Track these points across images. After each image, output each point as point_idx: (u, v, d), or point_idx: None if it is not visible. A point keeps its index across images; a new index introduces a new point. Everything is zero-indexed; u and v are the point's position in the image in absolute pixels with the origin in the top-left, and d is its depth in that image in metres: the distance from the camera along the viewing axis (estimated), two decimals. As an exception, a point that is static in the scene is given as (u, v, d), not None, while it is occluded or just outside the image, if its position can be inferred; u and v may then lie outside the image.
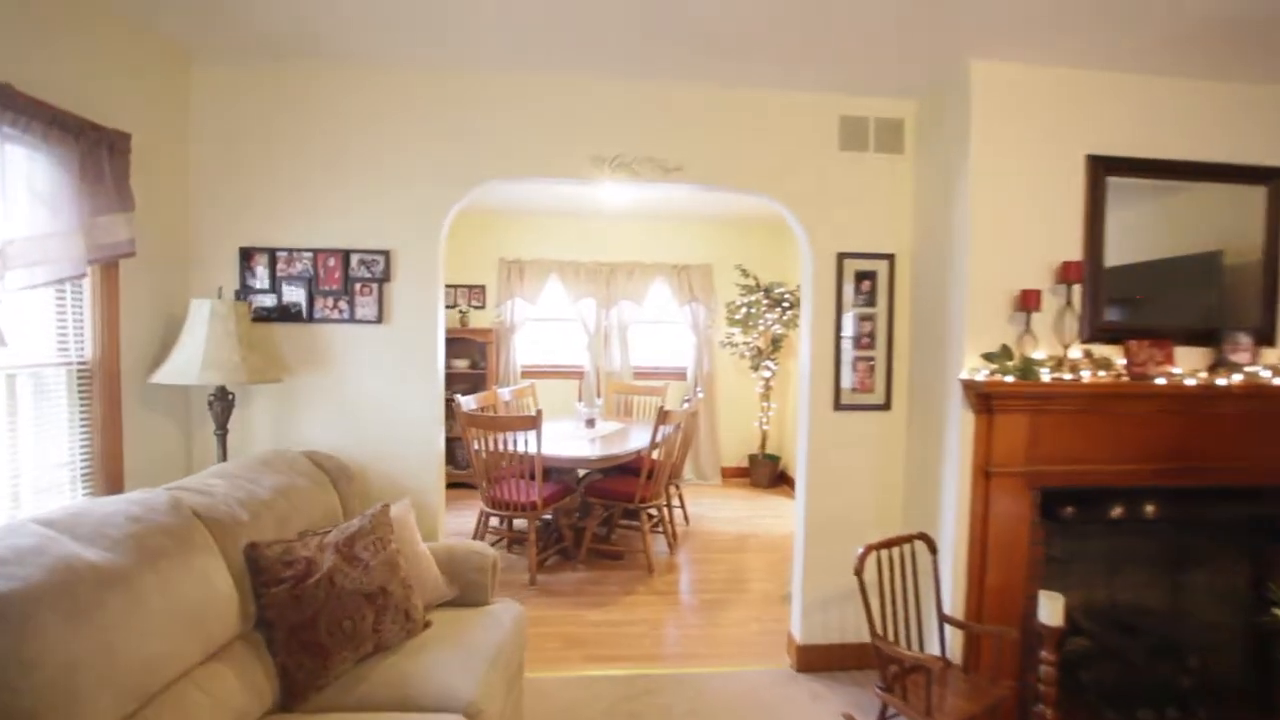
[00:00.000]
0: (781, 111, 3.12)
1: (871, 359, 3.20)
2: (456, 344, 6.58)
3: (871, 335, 3.19)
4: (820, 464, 3.25)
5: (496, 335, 6.58)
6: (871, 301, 3.18)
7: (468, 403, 4.85)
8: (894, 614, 2.61)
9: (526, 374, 6.75)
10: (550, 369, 6.85)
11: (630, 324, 6.79)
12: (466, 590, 2.69)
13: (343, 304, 3.03)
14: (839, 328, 3.18)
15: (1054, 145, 2.75)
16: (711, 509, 5.94)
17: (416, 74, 2.99)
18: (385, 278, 3.03)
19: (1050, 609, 2.48)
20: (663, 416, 4.29)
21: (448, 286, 6.70)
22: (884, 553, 2.67)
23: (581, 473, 4.85)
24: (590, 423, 5.09)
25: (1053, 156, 2.75)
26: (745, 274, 6.47)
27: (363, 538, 2.36)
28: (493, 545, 4.61)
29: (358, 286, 3.02)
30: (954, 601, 2.78)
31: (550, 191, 5.58)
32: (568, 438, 4.79)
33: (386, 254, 3.02)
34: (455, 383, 6.50)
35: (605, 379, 6.71)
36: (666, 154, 3.08)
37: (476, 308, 6.71)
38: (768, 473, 6.68)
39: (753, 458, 6.77)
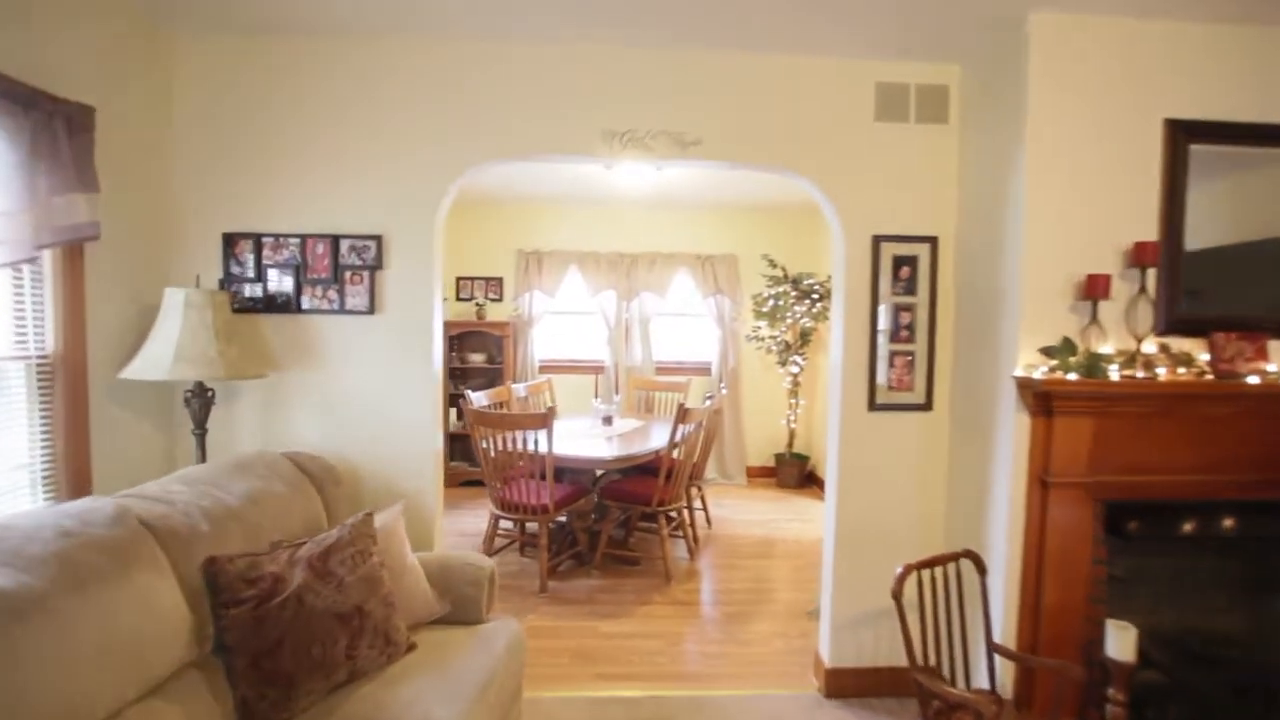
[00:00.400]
0: (810, 78, 2.80)
1: (910, 354, 2.86)
2: (473, 338, 6.38)
3: (910, 327, 2.85)
4: (852, 469, 2.94)
5: (514, 328, 6.35)
6: (911, 289, 2.85)
7: (478, 399, 4.62)
8: (936, 641, 2.29)
9: (545, 369, 6.51)
10: (569, 364, 6.60)
11: (652, 317, 6.50)
12: (459, 606, 2.44)
13: (332, 293, 2.79)
14: (874, 319, 2.86)
15: (1126, 109, 2.39)
16: (735, 511, 5.64)
17: (411, 45, 2.73)
18: (377, 265, 2.78)
19: (1120, 642, 2.14)
20: (682, 414, 4.00)
21: (464, 278, 6.49)
22: (925, 573, 2.35)
23: (599, 473, 4.58)
24: (607, 420, 4.83)
25: (1124, 122, 2.39)
26: (772, 264, 6.13)
27: (340, 550, 2.12)
28: (503, 548, 4.40)
29: (348, 275, 2.79)
30: (1005, 627, 2.45)
31: (568, 179, 5.31)
32: (583, 436, 4.53)
33: (378, 239, 2.78)
34: (472, 377, 6.29)
35: (626, 374, 6.44)
36: (683, 127, 2.78)
37: (494, 300, 6.48)
38: (795, 473, 6.35)
39: (779, 457, 6.44)
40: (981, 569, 2.40)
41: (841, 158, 2.83)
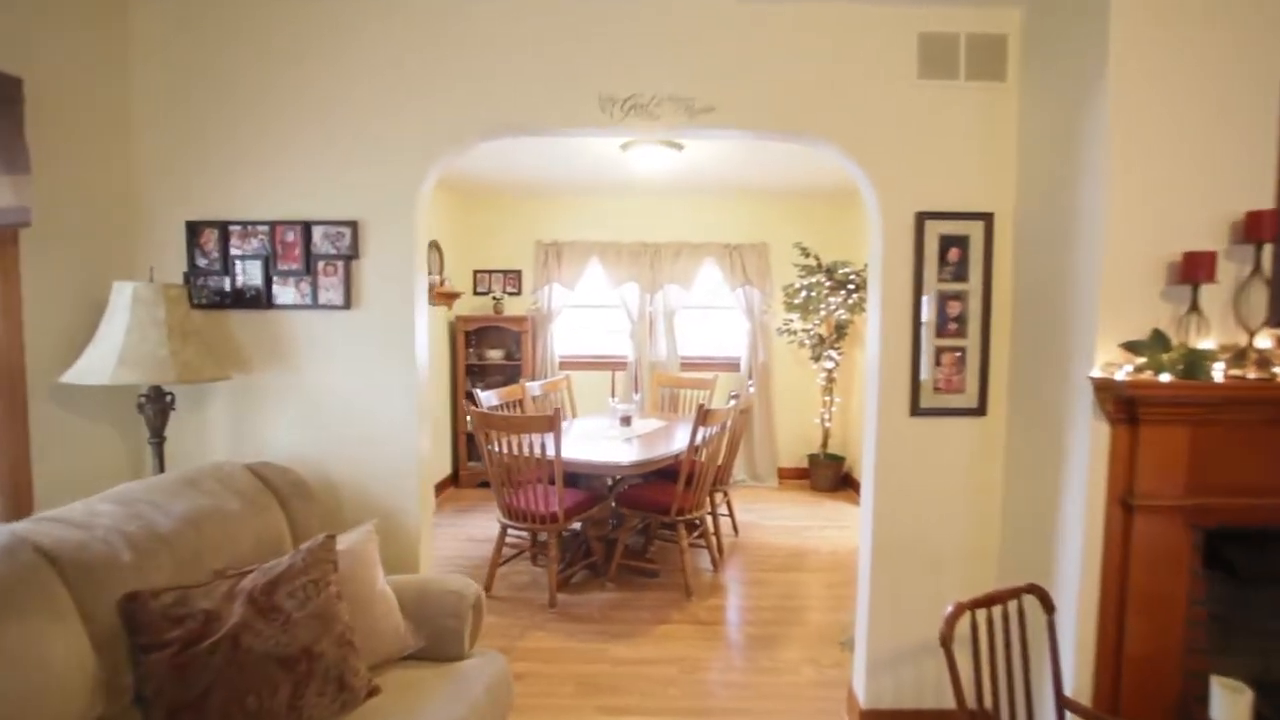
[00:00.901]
0: (842, 30, 2.40)
1: (960, 350, 2.45)
2: (490, 333, 6.10)
3: (960, 319, 2.44)
4: (891, 483, 2.54)
5: (532, 323, 6.05)
6: (961, 275, 2.43)
7: (488, 399, 4.32)
8: (993, 685, 1.90)
9: (565, 365, 6.20)
10: (591, 359, 6.27)
11: (677, 310, 6.13)
12: (437, 640, 2.13)
13: (305, 286, 2.51)
14: (918, 310, 2.45)
15: (1234, 49, 1.93)
16: (765, 516, 5.25)
17: (386, 6, 2.42)
18: (352, 254, 2.48)
19: (1231, 706, 1.72)
20: (703, 416, 3.64)
21: (481, 272, 6.21)
22: (981, 612, 1.95)
23: (614, 478, 4.25)
24: (626, 420, 4.48)
25: (1232, 66, 1.94)
26: (805, 253, 5.70)
27: (290, 580, 1.83)
28: (512, 558, 4.10)
29: (321, 265, 2.49)
30: (1078, 678, 2.04)
31: (587, 166, 4.97)
32: (599, 438, 4.19)
33: (353, 225, 2.47)
34: (490, 374, 6.02)
35: (649, 370, 6.09)
36: (694, 91, 2.41)
37: (512, 294, 6.20)
38: (830, 475, 5.92)
39: (813, 458, 6.02)
40: (1048, 606, 1.98)
41: (879, 123, 2.42)
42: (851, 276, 5.58)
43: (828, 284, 5.62)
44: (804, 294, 5.71)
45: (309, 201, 2.48)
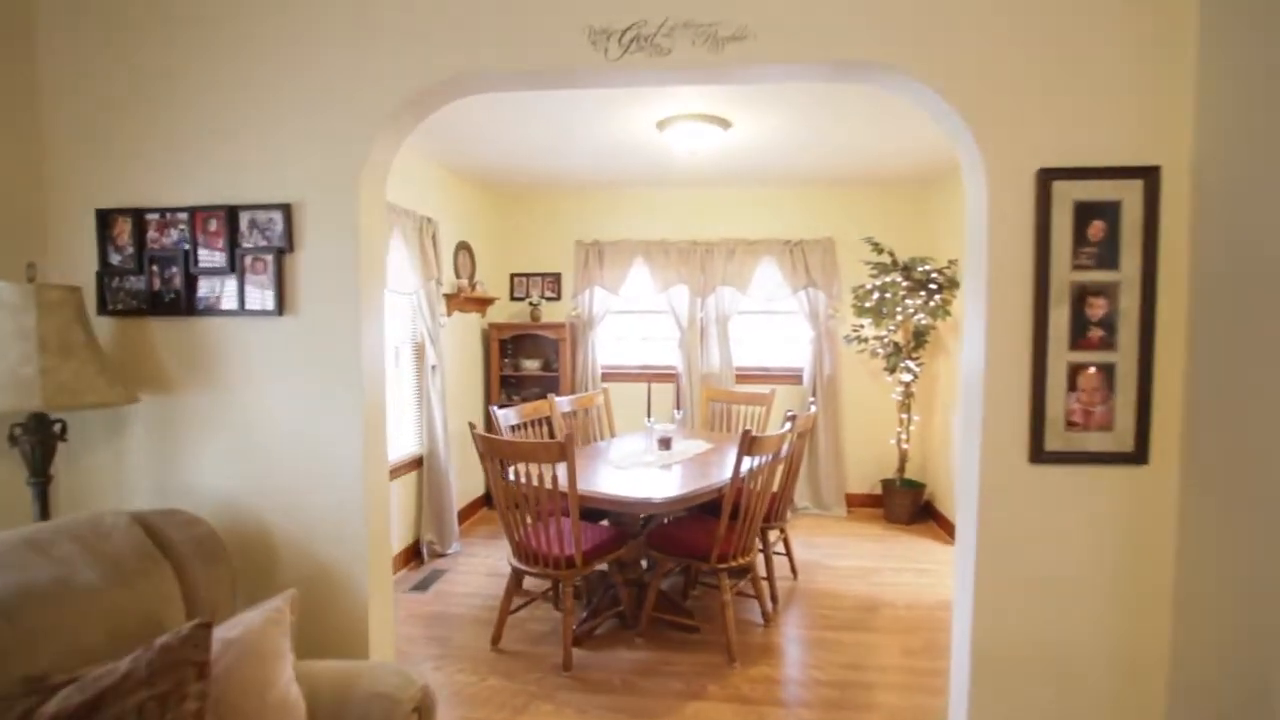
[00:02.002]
0: (927, -82, 1.68)
1: (1107, 367, 1.67)
2: (527, 341, 5.56)
3: (1107, 323, 1.67)
4: (1001, 559, 1.77)
5: (572, 330, 5.47)
6: (1108, 259, 1.66)
7: (506, 417, 3.75)
8: None
9: (608, 377, 5.59)
10: (635, 371, 5.64)
11: (731, 315, 5.42)
12: (356, 768, 1.53)
13: (230, 286, 1.98)
14: (1041, 309, 1.69)
15: None
16: (830, 553, 4.46)
17: (323, -73, 1.87)
18: (285, 246, 1.94)
19: None
20: (748, 444, 2.94)
21: (518, 275, 5.68)
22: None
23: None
24: (665, 443, 3.81)
25: None
26: (878, 249, 4.88)
27: (121, 698, 1.27)
28: (524, 605, 3.48)
29: (248, 260, 1.96)
30: None
31: (627, 155, 4.36)
32: (633, 464, 3.55)
33: (286, 210, 1.93)
34: (526, 386, 5.48)
35: (699, 383, 5.39)
36: (717, 12, 1.74)
37: (551, 299, 5.64)
38: (907, 505, 5.06)
39: (887, 484, 5.17)
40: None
41: (980, 44, 1.68)
42: (933, 275, 4.73)
43: (904, 284, 4.78)
44: (876, 296, 4.89)
45: (235, 181, 1.95)
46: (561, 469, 2.90)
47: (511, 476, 3.06)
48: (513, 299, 5.68)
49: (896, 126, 3.67)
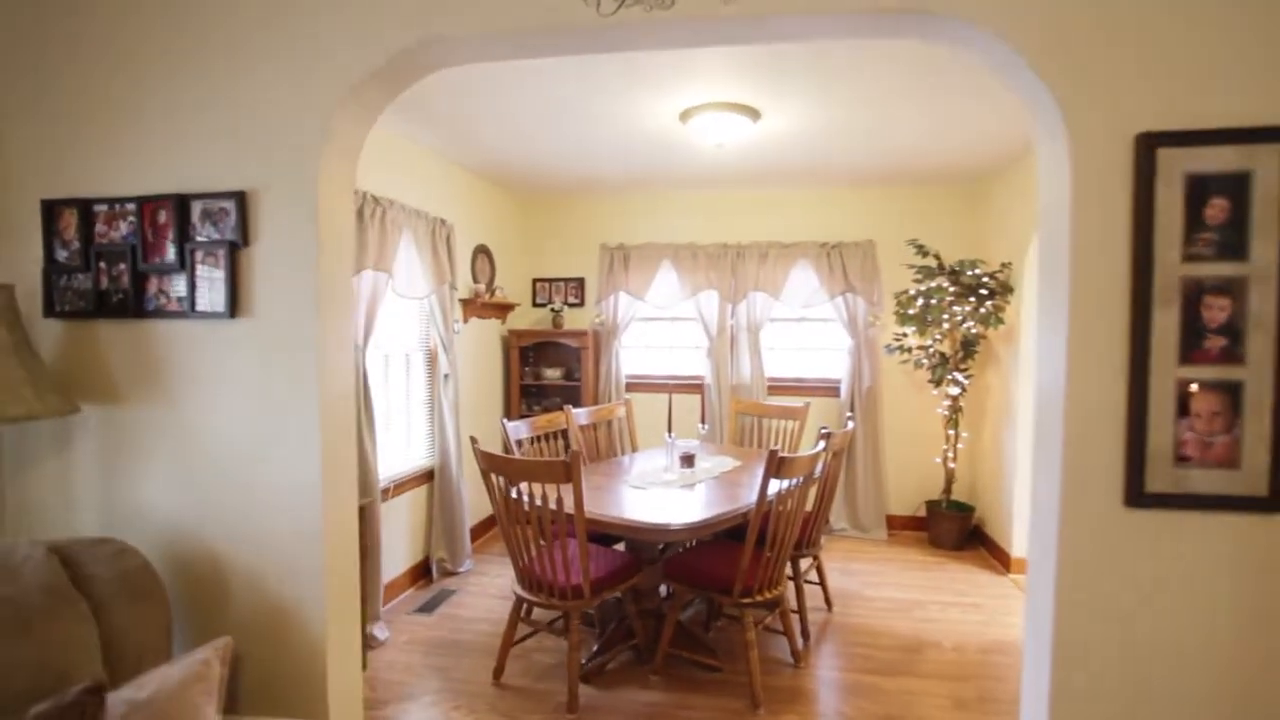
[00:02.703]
0: None
1: (1232, 386, 1.30)
2: (549, 350, 5.30)
3: (1233, 328, 1.29)
4: (1089, 614, 1.40)
5: (595, 338, 5.19)
6: (1233, 248, 1.28)
7: (516, 430, 3.48)
8: None
9: (633, 387, 5.29)
10: (661, 380, 5.32)
11: (764, 322, 5.06)
12: None
13: (179, 285, 1.74)
14: (1141, 312, 1.32)
15: None
16: (869, 582, 4.05)
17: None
18: (239, 239, 1.69)
19: None
20: (776, 466, 2.59)
21: (540, 280, 5.43)
22: None
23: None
24: (687, 460, 3.48)
25: None
26: (922, 251, 4.48)
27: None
28: (528, 636, 3.18)
29: (199, 256, 1.72)
30: None
31: (655, 154, 4.07)
32: (652, 482, 3.23)
33: (239, 197, 1.68)
34: (548, 396, 5.22)
35: (728, 394, 5.05)
36: (729, -47, 1.43)
37: (574, 305, 5.37)
38: (954, 529, 4.61)
39: (932, 506, 4.73)
40: None
41: (1064, -20, 1.33)
42: (984, 280, 4.30)
43: (951, 289, 4.36)
44: (920, 302, 4.48)
45: (185, 167, 1.72)
46: (567, 490, 2.61)
47: (515, 495, 2.77)
48: (535, 305, 5.43)
49: (946, 112, 3.29)
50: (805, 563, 3.45)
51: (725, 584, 2.77)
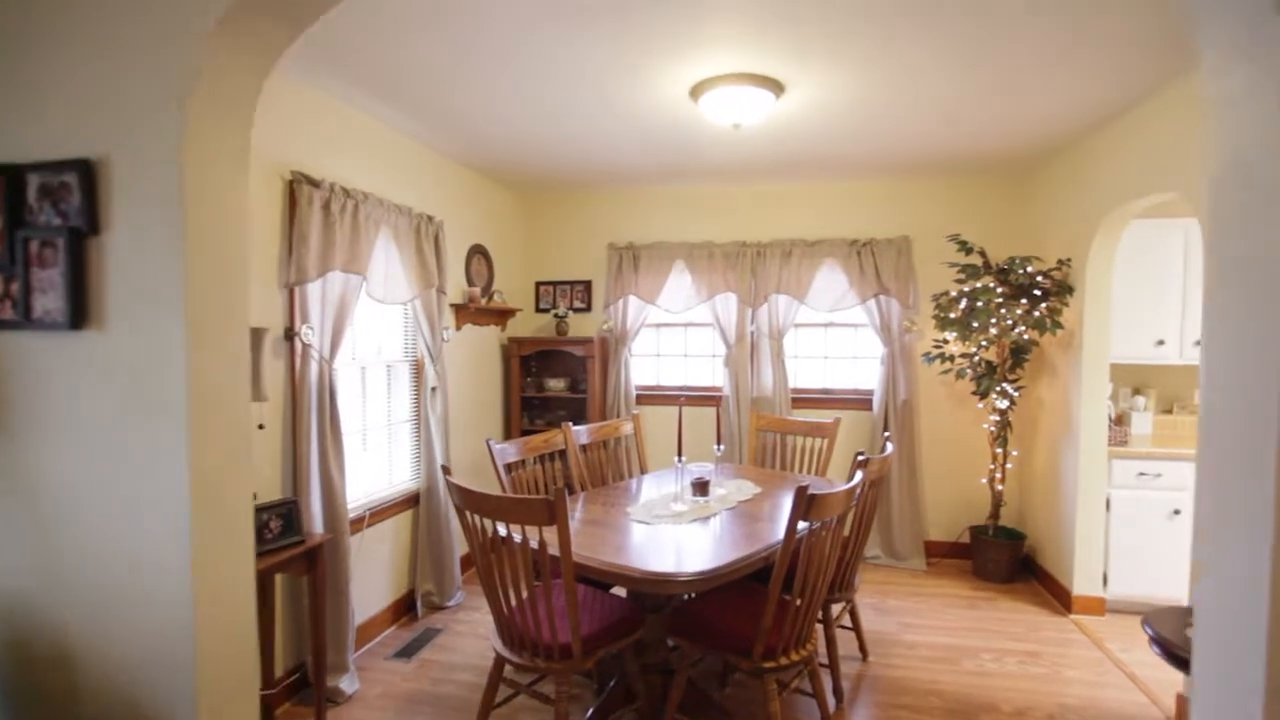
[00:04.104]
0: None
1: None
2: (552, 359, 4.85)
3: None
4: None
5: (602, 347, 4.73)
6: None
7: (504, 453, 3.02)
8: None
9: (643, 399, 4.82)
10: (674, 392, 4.84)
11: (787, 328, 4.56)
12: None
13: (13, 289, 1.31)
14: None
15: None
16: (909, 623, 3.53)
17: None
18: (85, 224, 1.25)
19: None
20: (805, 505, 2.10)
21: (544, 284, 4.98)
22: None
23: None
24: (701, 487, 3.00)
25: None
26: (965, 248, 3.95)
27: None
28: (509, 699, 2.71)
29: (34, 247, 1.28)
30: None
31: (666, 143, 3.61)
32: (655, 516, 2.75)
33: (84, 168, 1.24)
34: (552, 409, 4.76)
35: (748, 407, 4.55)
36: None
37: (580, 310, 4.92)
38: (1004, 559, 4.06)
39: (978, 533, 4.18)
40: None
41: None
42: (1038, 279, 3.76)
43: (999, 290, 3.83)
44: (964, 305, 3.95)
45: (15, 126, 1.28)
46: (552, 533, 2.14)
47: (493, 534, 2.31)
48: (538, 310, 4.99)
49: (997, 86, 2.78)
50: (838, 607, 2.95)
51: (744, 644, 2.28)
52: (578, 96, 2.97)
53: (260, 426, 2.47)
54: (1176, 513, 3.50)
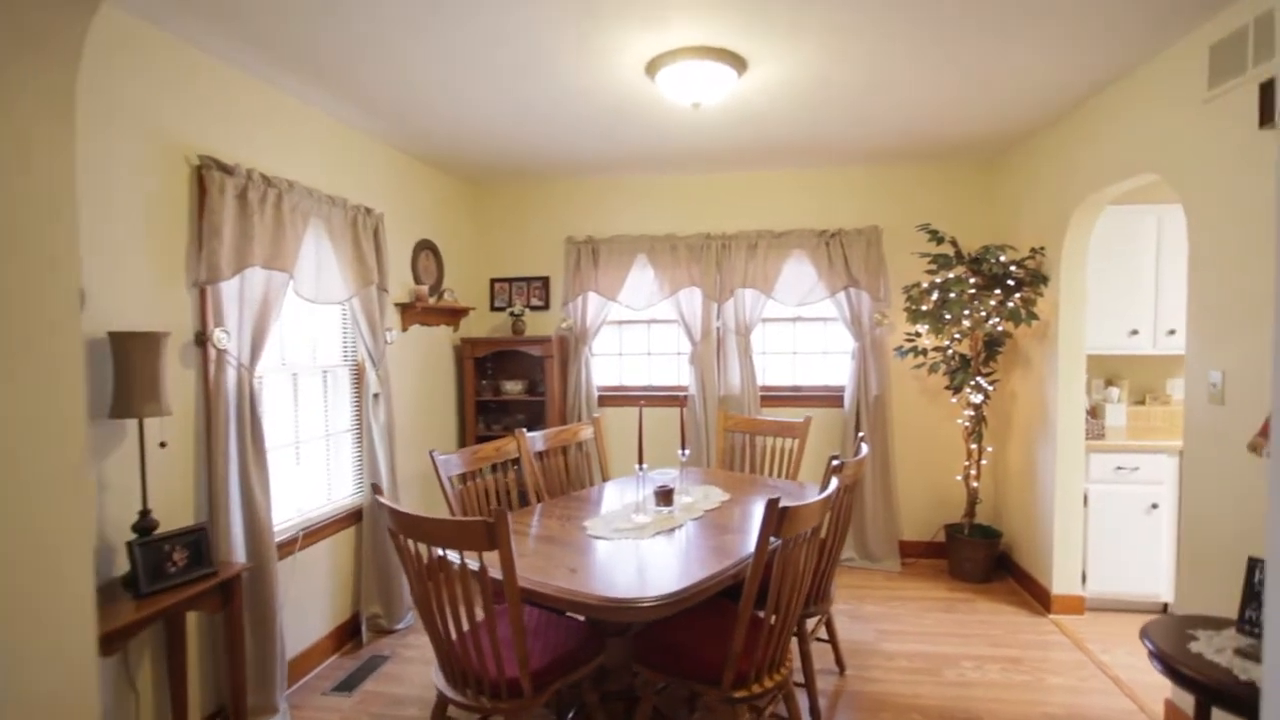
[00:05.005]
0: None
1: None
2: (510, 360, 4.59)
3: None
4: None
5: (563, 346, 4.49)
6: None
7: (448, 465, 2.75)
8: None
9: (606, 400, 4.58)
10: (638, 393, 4.61)
11: (755, 323, 4.37)
12: None
13: None
14: None
15: None
16: (885, 630, 3.36)
17: None
18: None
19: None
20: (776, 520, 1.90)
21: (499, 281, 4.71)
22: None
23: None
24: (664, 496, 2.78)
25: None
26: (936, 237, 3.80)
27: None
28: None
29: None
30: None
31: (627, 132, 3.38)
32: (615, 530, 2.53)
33: None
34: (511, 413, 4.50)
35: (714, 407, 4.35)
36: None
37: (538, 308, 4.66)
38: (980, 559, 3.93)
39: (953, 531, 4.05)
40: None
41: None
42: (1011, 269, 3.63)
43: (972, 280, 3.69)
44: (935, 297, 3.80)
45: None
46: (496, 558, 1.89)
47: (430, 559, 2.05)
48: (493, 309, 4.71)
49: (971, 61, 2.61)
50: (813, 621, 2.76)
51: (712, 671, 2.07)
52: (526, 73, 2.72)
53: (162, 445, 2.17)
54: (1154, 506, 3.39)
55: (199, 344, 2.40)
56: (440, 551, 2.02)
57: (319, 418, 3.22)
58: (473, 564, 2.02)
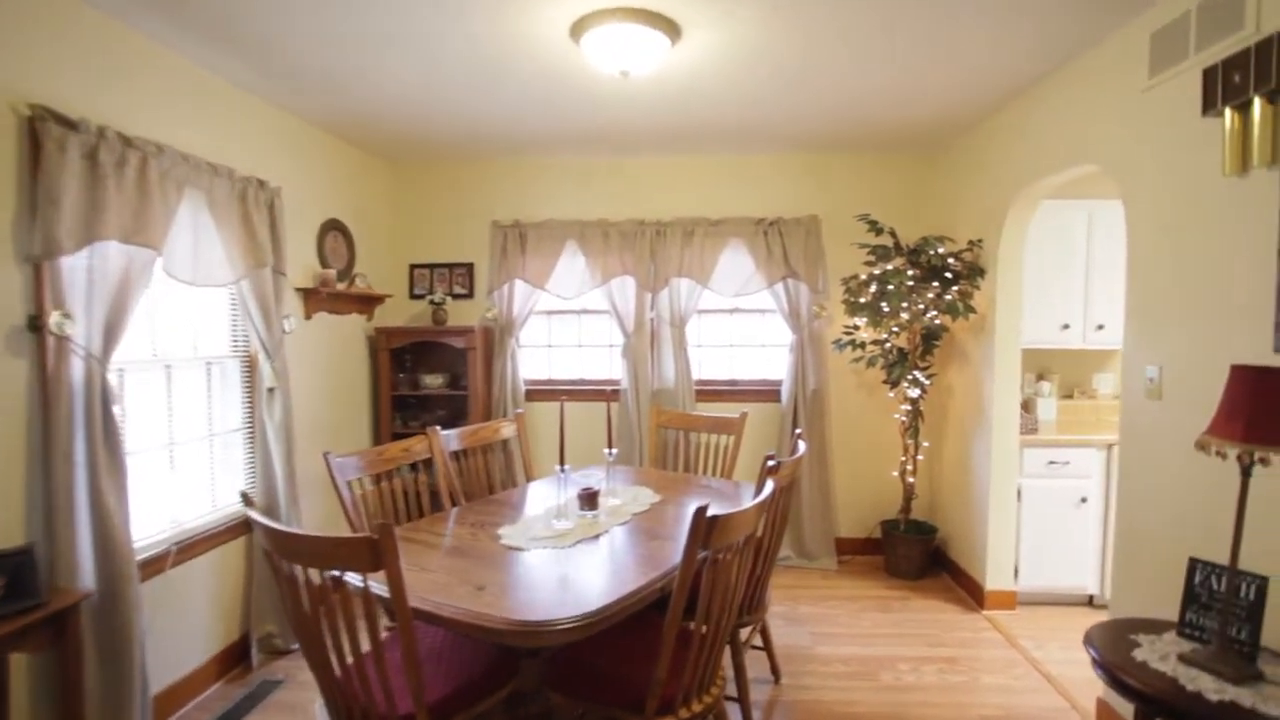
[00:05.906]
0: None
1: None
2: (430, 352, 4.27)
3: None
4: None
5: (487, 337, 4.20)
6: None
7: (344, 468, 2.45)
8: None
9: (534, 394, 4.32)
10: (568, 386, 4.37)
11: (690, 314, 4.19)
12: None
13: None
14: None
15: None
16: (822, 632, 3.25)
17: None
18: None
19: None
20: (706, 532, 1.70)
21: (419, 267, 4.37)
22: None
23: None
24: (589, 499, 2.55)
25: None
26: (875, 228, 3.70)
27: None
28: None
29: None
30: None
31: (557, 108, 3.13)
32: (533, 539, 2.29)
33: None
34: (431, 408, 4.19)
35: (647, 402, 4.16)
36: None
37: (462, 296, 4.35)
38: (915, 555, 3.88)
39: (889, 528, 3.98)
40: None
41: None
42: (949, 261, 3.56)
43: (910, 272, 3.61)
44: (874, 289, 3.70)
45: None
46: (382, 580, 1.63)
47: (310, 580, 1.77)
48: (412, 296, 4.37)
49: (916, 42, 2.48)
50: (747, 631, 2.60)
51: (635, 696, 1.86)
52: (433, 26, 2.43)
53: (-25, 450, 1.80)
54: (1084, 500, 3.40)
55: (33, 329, 2.02)
56: (323, 573, 1.74)
57: (201, 416, 2.85)
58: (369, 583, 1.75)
